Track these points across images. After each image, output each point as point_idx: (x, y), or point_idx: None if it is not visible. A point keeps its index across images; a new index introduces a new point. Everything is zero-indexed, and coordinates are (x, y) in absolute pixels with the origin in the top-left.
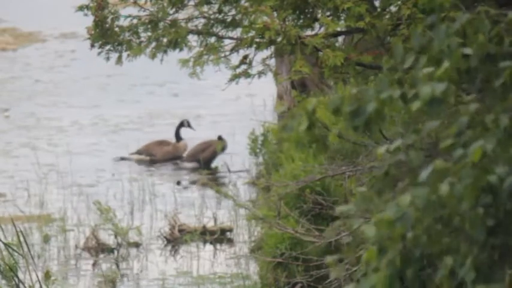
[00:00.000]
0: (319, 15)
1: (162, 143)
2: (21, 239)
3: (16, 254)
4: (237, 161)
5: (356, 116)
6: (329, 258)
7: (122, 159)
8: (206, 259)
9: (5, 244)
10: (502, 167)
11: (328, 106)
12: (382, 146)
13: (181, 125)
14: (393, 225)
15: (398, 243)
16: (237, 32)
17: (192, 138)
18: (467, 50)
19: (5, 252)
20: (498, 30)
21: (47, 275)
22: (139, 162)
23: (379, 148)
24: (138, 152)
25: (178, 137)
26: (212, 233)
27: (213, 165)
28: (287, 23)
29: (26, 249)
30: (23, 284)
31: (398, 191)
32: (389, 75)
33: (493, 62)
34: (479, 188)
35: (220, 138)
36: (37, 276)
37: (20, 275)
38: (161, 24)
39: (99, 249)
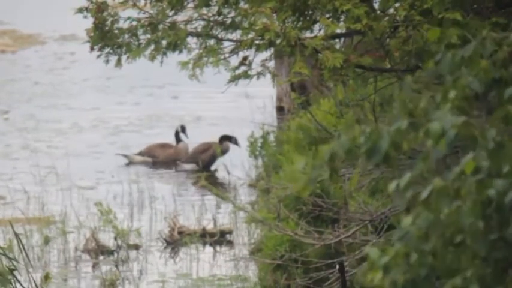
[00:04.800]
0: (318, 17)
1: (164, 145)
2: (19, 242)
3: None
4: (237, 163)
5: (372, 155)
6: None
7: (124, 156)
8: (206, 261)
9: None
10: (501, 181)
11: (339, 149)
12: (393, 183)
13: (177, 131)
14: (396, 245)
15: (401, 264)
16: (237, 34)
17: (193, 143)
18: (470, 79)
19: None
20: (503, 54)
21: (47, 277)
22: (141, 163)
23: (390, 185)
24: (140, 154)
25: (178, 139)
26: (212, 235)
27: (213, 168)
28: (287, 24)
29: (23, 252)
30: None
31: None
32: (401, 109)
33: (499, 87)
34: (480, 203)
35: (225, 138)
36: (34, 280)
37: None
38: (161, 27)
39: (99, 251)
